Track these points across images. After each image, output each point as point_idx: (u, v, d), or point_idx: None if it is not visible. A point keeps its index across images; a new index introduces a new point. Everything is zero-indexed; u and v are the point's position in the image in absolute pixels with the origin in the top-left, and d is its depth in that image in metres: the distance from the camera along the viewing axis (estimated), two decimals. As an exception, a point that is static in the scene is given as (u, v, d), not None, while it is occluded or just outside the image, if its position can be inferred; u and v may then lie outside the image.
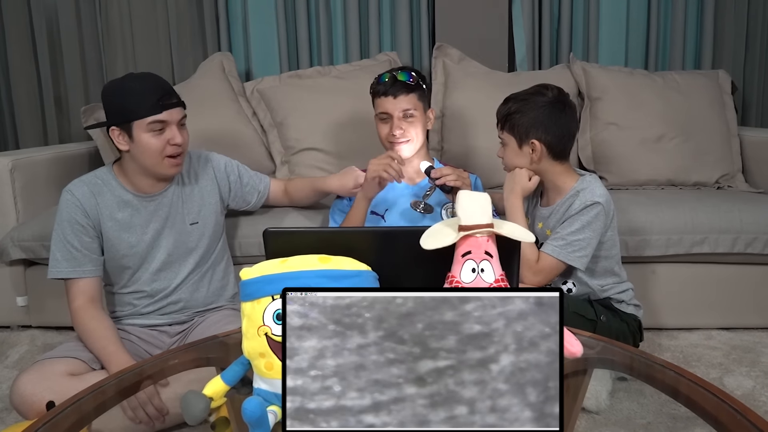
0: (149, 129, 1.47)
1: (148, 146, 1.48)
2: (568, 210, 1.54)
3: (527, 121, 1.55)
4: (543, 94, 1.56)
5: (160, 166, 1.52)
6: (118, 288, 1.61)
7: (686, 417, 1.50)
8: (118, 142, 1.51)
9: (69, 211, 1.53)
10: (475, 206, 0.88)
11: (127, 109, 1.47)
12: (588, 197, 1.52)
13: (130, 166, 1.55)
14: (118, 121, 1.49)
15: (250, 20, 2.77)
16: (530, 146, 1.56)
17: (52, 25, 2.82)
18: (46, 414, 0.82)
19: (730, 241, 1.91)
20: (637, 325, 1.64)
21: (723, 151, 2.34)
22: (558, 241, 1.53)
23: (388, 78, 1.72)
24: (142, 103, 1.46)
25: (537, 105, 1.55)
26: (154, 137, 1.48)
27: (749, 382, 1.68)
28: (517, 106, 1.56)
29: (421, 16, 2.76)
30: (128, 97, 1.47)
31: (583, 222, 1.52)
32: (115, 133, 1.50)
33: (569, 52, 2.72)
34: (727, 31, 2.72)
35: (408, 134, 1.71)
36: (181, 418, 1.35)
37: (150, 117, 1.46)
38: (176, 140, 1.50)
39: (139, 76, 1.53)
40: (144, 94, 1.47)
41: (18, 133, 2.91)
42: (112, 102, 1.49)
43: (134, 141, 1.49)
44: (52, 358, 1.44)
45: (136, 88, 1.48)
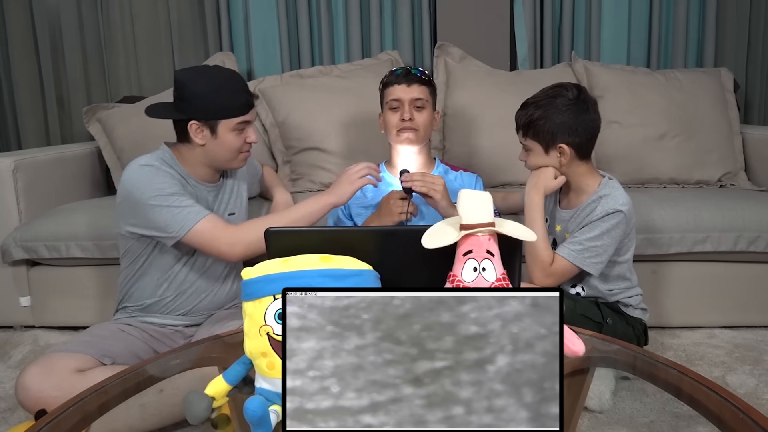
0: (235, 128, 1.50)
1: (230, 144, 1.52)
2: (590, 215, 1.52)
3: (553, 126, 1.50)
4: (563, 96, 1.51)
5: (234, 162, 1.57)
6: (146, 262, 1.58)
7: (689, 416, 1.49)
8: (195, 136, 1.50)
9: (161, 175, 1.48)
10: (477, 205, 0.87)
11: (217, 108, 1.48)
12: (611, 204, 1.50)
13: (194, 155, 1.54)
14: (204, 117, 1.49)
15: (252, 20, 2.78)
16: (558, 150, 1.52)
17: (54, 25, 2.83)
18: (40, 420, 0.81)
19: (733, 239, 1.91)
20: (642, 328, 1.64)
21: (725, 150, 2.33)
22: (575, 246, 1.51)
23: (401, 70, 1.76)
24: (233, 104, 1.49)
25: (560, 108, 1.50)
26: (237, 136, 1.51)
27: (752, 381, 1.68)
28: (539, 112, 1.50)
29: (422, 15, 2.76)
30: (220, 95, 1.48)
31: (603, 229, 1.49)
32: (193, 128, 1.50)
33: (571, 50, 2.72)
34: (729, 29, 2.72)
35: (417, 123, 1.72)
36: (183, 417, 1.35)
37: (239, 118, 1.50)
38: (251, 138, 1.55)
39: (227, 74, 1.54)
40: (234, 94, 1.49)
41: (20, 134, 2.92)
42: (200, 97, 1.48)
43: (216, 137, 1.50)
44: (60, 353, 1.42)
45: (227, 87, 1.49)
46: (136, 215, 1.49)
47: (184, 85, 1.50)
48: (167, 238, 1.48)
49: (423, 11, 2.75)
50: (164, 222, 1.46)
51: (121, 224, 1.53)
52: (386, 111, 1.76)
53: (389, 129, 1.76)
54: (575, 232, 1.53)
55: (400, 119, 1.72)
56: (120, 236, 1.58)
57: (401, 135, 1.73)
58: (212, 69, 1.57)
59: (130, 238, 1.54)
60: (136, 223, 1.50)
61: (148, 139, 2.28)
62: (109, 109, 2.48)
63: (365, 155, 2.24)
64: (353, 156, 2.30)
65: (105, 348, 1.46)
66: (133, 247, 1.57)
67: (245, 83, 1.55)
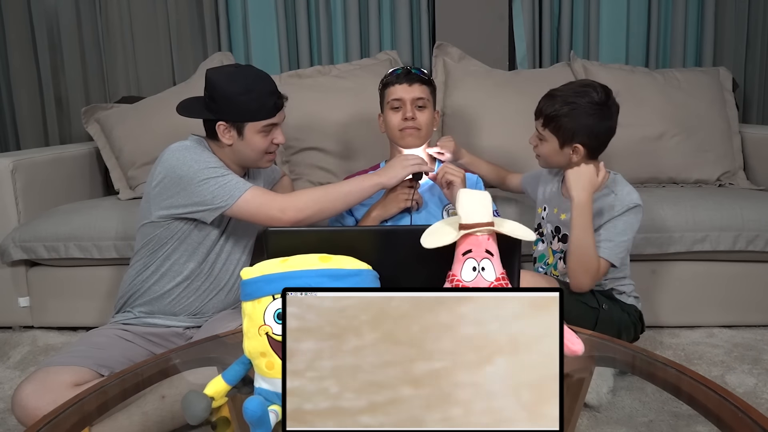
0: (262, 130, 1.53)
1: (257, 145, 1.54)
2: (610, 211, 1.54)
3: (575, 126, 1.52)
4: (591, 96, 1.51)
5: (260, 162, 1.59)
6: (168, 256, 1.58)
7: (688, 415, 1.49)
8: (222, 136, 1.53)
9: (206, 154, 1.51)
10: (476, 204, 0.88)
11: (245, 111, 1.50)
12: (629, 199, 1.54)
13: (222, 153, 1.57)
14: (232, 119, 1.51)
15: (250, 20, 2.78)
16: (572, 148, 1.55)
17: (52, 25, 2.82)
18: (40, 420, 0.81)
19: (732, 238, 1.91)
20: (638, 315, 1.66)
21: (724, 149, 2.33)
22: (608, 243, 1.53)
23: (402, 70, 1.76)
24: (261, 107, 1.51)
25: (586, 110, 1.51)
26: (263, 137, 1.54)
27: (751, 380, 1.68)
28: (566, 109, 1.52)
29: (421, 14, 2.76)
30: (248, 98, 1.50)
31: (627, 224, 1.54)
32: (221, 128, 1.52)
33: (570, 50, 2.72)
34: (728, 28, 2.72)
35: (419, 123, 1.72)
36: (182, 417, 1.35)
37: (266, 120, 1.52)
38: (279, 140, 1.57)
39: (257, 75, 1.55)
40: (262, 98, 1.51)
41: (19, 134, 2.92)
42: (229, 99, 1.50)
43: (243, 138, 1.53)
44: (56, 366, 1.39)
45: (255, 90, 1.51)
46: (181, 193, 1.50)
47: (214, 86, 1.52)
48: (211, 211, 1.49)
49: (422, 11, 2.75)
50: (211, 194, 1.48)
51: (153, 210, 1.53)
52: (387, 111, 1.76)
53: (391, 129, 1.76)
54: (599, 229, 1.55)
55: (402, 119, 1.72)
56: (144, 227, 1.57)
57: (404, 135, 1.73)
58: (243, 70, 1.56)
59: (158, 225, 1.54)
60: (175, 203, 1.51)
61: (147, 139, 2.29)
62: (107, 109, 2.47)
63: (364, 155, 2.25)
64: (352, 156, 2.30)
65: (102, 358, 1.43)
66: (159, 236, 1.56)
67: (274, 86, 1.56)
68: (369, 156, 2.14)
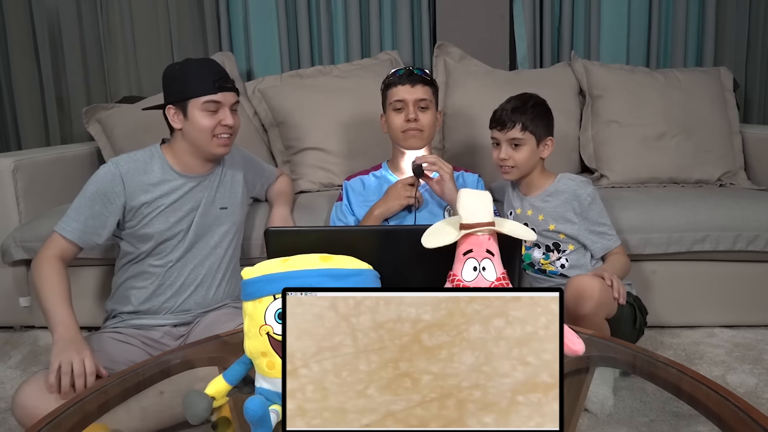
0: (204, 108, 1.55)
1: (201, 125, 1.55)
2: (577, 200, 1.65)
3: (547, 122, 1.66)
4: (537, 98, 1.68)
5: (210, 145, 1.58)
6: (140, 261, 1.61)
7: (689, 415, 1.49)
8: (172, 120, 1.58)
9: (105, 181, 1.56)
10: (477, 205, 0.88)
11: (185, 89, 1.55)
12: (579, 180, 1.68)
13: (180, 145, 1.61)
14: (176, 100, 1.56)
15: (251, 20, 2.78)
16: (545, 143, 1.67)
17: (53, 26, 2.83)
18: (40, 420, 0.81)
19: (732, 238, 1.91)
20: (632, 297, 1.65)
21: (725, 149, 2.33)
22: (610, 230, 1.69)
23: (404, 71, 1.76)
24: (199, 84, 1.54)
25: (545, 107, 1.68)
26: (208, 117, 1.55)
27: (752, 380, 1.68)
28: (540, 109, 1.66)
29: (422, 14, 2.76)
30: (187, 77, 1.55)
31: (599, 203, 1.68)
32: (170, 112, 1.57)
33: (570, 50, 2.72)
34: (729, 28, 2.72)
35: (422, 124, 1.72)
36: (183, 419, 1.34)
37: (205, 96, 1.54)
38: (227, 121, 1.57)
39: (199, 60, 1.63)
40: (202, 76, 1.55)
41: (20, 134, 2.92)
42: (172, 82, 1.58)
43: (188, 119, 1.56)
44: None
45: (195, 69, 1.56)
46: None
47: (164, 76, 1.60)
48: None
49: (422, 11, 2.75)
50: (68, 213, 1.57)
51: None
52: (389, 112, 1.76)
53: (394, 130, 1.75)
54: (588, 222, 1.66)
55: (405, 120, 1.72)
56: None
57: (407, 137, 1.73)
58: (188, 59, 1.64)
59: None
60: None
61: (147, 139, 2.28)
62: (108, 109, 2.47)
63: (365, 155, 2.25)
64: (353, 156, 2.30)
65: (102, 359, 1.42)
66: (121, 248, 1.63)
67: (218, 67, 1.59)
68: (370, 156, 2.14)
